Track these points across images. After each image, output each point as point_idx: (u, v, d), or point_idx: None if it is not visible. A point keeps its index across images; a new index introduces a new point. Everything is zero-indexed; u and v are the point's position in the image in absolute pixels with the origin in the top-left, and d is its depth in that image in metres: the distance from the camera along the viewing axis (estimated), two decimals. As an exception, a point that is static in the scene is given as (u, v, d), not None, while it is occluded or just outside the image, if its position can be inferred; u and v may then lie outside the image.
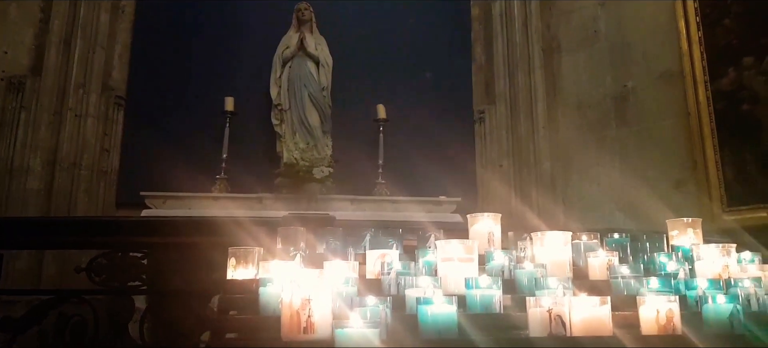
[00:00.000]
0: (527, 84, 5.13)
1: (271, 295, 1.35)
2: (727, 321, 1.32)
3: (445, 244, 1.53)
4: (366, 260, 1.64)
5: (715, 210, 4.15)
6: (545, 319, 1.24)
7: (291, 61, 5.18)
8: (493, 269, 1.57)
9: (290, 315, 1.15)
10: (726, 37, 4.31)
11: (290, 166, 4.92)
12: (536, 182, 4.99)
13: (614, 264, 1.62)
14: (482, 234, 1.73)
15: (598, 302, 1.22)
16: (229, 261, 1.58)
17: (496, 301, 1.37)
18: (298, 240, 1.71)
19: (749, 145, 4.10)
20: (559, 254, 1.62)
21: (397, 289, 1.47)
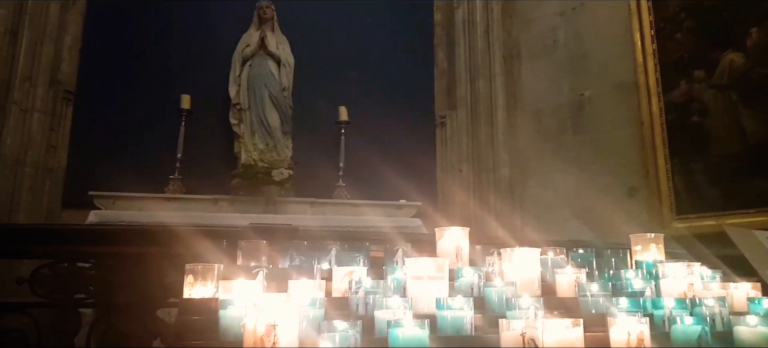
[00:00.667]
0: (488, 90, 5.16)
1: (233, 318, 1.26)
2: (696, 342, 1.33)
3: (415, 262, 1.49)
4: (333, 277, 1.58)
5: (666, 217, 4.24)
6: (518, 342, 1.21)
7: (251, 60, 5.07)
8: (463, 287, 1.54)
9: (253, 341, 1.09)
10: (678, 50, 4.42)
11: (248, 167, 4.79)
12: (495, 187, 5.03)
13: (582, 281, 1.62)
14: (450, 248, 1.69)
15: (570, 324, 1.20)
16: (186, 278, 1.49)
17: (467, 323, 1.33)
18: (260, 254, 1.63)
19: (698, 156, 4.20)
20: (529, 271, 1.60)
21: (366, 308, 1.42)
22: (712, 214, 4.03)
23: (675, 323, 1.38)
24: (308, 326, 1.21)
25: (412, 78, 5.51)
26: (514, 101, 5.23)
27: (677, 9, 4.45)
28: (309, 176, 5.04)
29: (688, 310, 1.47)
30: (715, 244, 3.14)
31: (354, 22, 5.51)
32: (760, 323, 1.44)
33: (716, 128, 4.15)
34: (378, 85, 5.39)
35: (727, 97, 4.15)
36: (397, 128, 5.16)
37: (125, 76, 5.03)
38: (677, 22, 4.44)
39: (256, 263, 1.60)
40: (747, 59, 4.07)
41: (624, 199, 4.49)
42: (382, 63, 5.45)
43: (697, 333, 1.33)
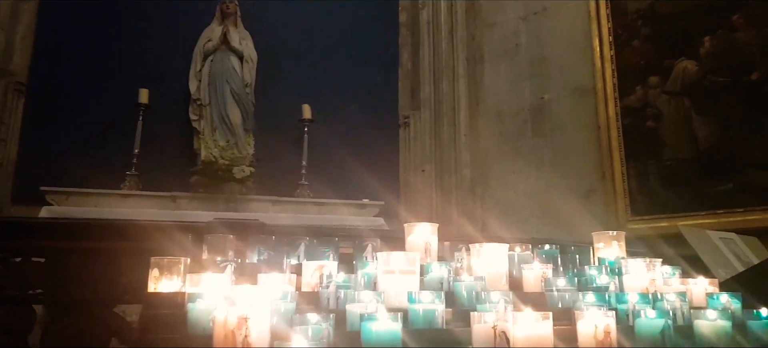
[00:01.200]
0: (451, 91, 5.21)
1: (202, 311, 1.23)
2: (659, 335, 1.37)
3: (387, 257, 1.48)
4: (302, 272, 1.56)
5: (621, 218, 4.34)
6: (490, 335, 1.22)
7: (213, 55, 4.97)
8: (432, 281, 1.54)
9: (224, 335, 1.06)
10: (635, 57, 4.54)
11: (208, 164, 4.70)
12: (457, 187, 5.07)
13: (548, 276, 1.64)
14: (419, 244, 1.69)
15: (540, 317, 1.22)
16: (151, 272, 1.44)
17: (438, 316, 1.34)
18: (227, 248, 1.60)
19: (652, 159, 4.32)
20: (497, 267, 1.61)
21: (337, 302, 1.41)
22: (665, 216, 4.17)
23: (639, 317, 1.42)
24: (280, 319, 1.19)
25: (377, 78, 5.52)
26: (476, 103, 5.29)
27: (634, 17, 4.57)
28: (271, 174, 4.99)
29: (650, 304, 1.52)
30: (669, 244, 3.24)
31: (319, 20, 5.47)
32: (718, 317, 1.50)
33: (669, 133, 4.30)
34: (342, 84, 5.37)
35: (680, 103, 4.29)
36: (361, 128, 5.16)
37: (80, 68, 4.85)
38: (634, 29, 4.56)
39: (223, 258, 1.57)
40: (699, 67, 4.22)
41: (582, 200, 4.59)
42: (347, 62, 5.43)
43: (660, 326, 1.37)
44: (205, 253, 1.61)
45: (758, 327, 1.56)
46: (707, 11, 4.24)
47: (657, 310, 1.42)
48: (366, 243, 1.66)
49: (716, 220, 3.86)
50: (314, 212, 4.88)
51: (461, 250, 1.76)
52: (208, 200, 4.71)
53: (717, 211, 3.97)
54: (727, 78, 4.09)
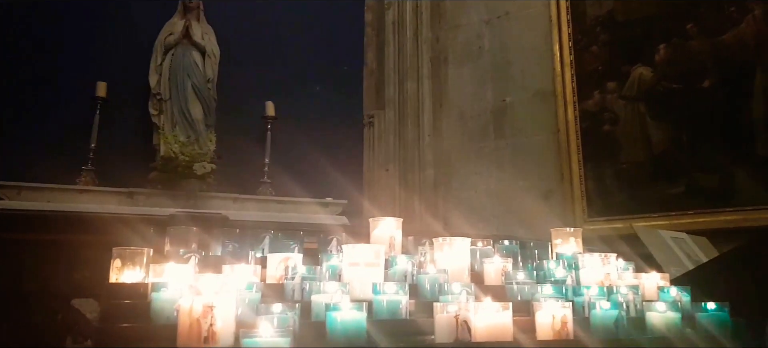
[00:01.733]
0: (416, 92, 5.24)
1: (166, 301, 1.22)
2: (613, 326, 1.42)
3: (352, 249, 1.50)
4: (267, 264, 1.56)
5: (579, 219, 4.42)
6: (452, 325, 1.25)
7: (174, 49, 4.88)
8: (397, 274, 1.56)
9: (189, 323, 1.05)
10: (593, 62, 4.64)
11: (168, 160, 4.62)
12: (420, 187, 5.11)
13: (509, 270, 1.69)
14: (384, 238, 1.71)
15: (500, 308, 1.25)
16: (113, 263, 1.42)
17: (402, 307, 1.36)
18: (190, 240, 1.58)
19: (608, 162, 4.42)
20: (459, 260, 1.65)
21: (302, 294, 1.41)
22: (621, 217, 4.26)
23: (594, 308, 1.48)
24: (245, 309, 1.19)
25: (341, 76, 5.52)
26: (440, 104, 5.34)
27: (593, 23, 4.69)
28: (232, 171, 4.94)
29: (605, 297, 1.57)
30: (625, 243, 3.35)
31: (283, 18, 5.44)
32: (668, 309, 1.57)
33: (625, 137, 4.41)
34: (307, 81, 5.35)
35: (635, 108, 4.42)
36: (325, 126, 5.15)
37: (35, 58, 4.71)
38: (593, 35, 4.68)
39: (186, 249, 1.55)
40: (654, 73, 4.35)
41: (541, 201, 4.68)
42: (312, 60, 5.41)
43: (614, 317, 1.43)
44: (167, 245, 1.59)
45: (705, 319, 1.64)
46: (662, 20, 4.37)
47: (611, 302, 1.48)
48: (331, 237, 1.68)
49: (669, 221, 3.99)
50: (276, 210, 4.85)
51: (425, 245, 1.78)
52: (167, 196, 4.62)
53: (669, 212, 4.10)
54: (680, 85, 4.23)
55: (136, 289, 1.35)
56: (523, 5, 5.08)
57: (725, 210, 3.92)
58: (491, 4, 5.26)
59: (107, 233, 1.82)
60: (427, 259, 1.72)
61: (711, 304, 1.66)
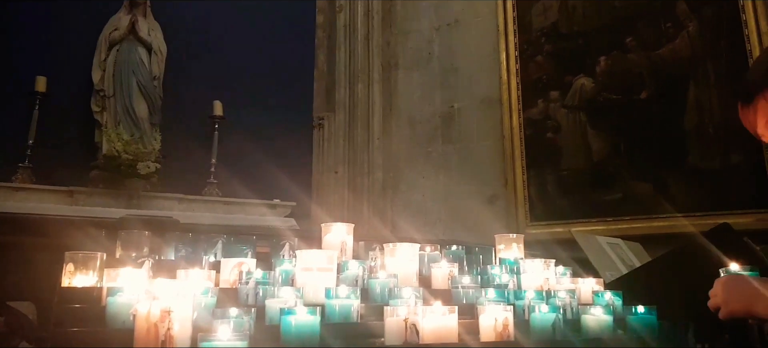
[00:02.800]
0: (366, 95, 5.29)
1: (122, 305, 1.22)
2: (551, 328, 1.51)
3: (306, 254, 1.53)
4: (221, 269, 1.57)
5: (521, 223, 4.53)
6: (401, 328, 1.31)
7: (119, 45, 4.76)
8: (348, 279, 1.60)
9: (147, 328, 1.07)
10: (538, 72, 4.76)
11: (111, 158, 4.50)
12: (369, 190, 5.16)
13: (455, 274, 1.76)
14: (335, 243, 1.75)
15: (447, 311, 1.32)
16: (65, 267, 1.41)
17: (354, 311, 1.41)
18: (142, 245, 1.58)
19: (550, 169, 4.55)
20: (409, 265, 1.71)
21: (256, 298, 1.44)
22: (561, 222, 4.38)
23: (534, 311, 1.56)
24: (201, 313, 1.21)
25: (292, 78, 5.50)
26: (390, 108, 5.40)
27: (538, 34, 4.82)
28: (178, 171, 4.85)
29: (544, 300, 1.67)
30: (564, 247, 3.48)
31: (233, 16, 5.39)
32: (602, 312, 1.68)
33: (567, 145, 4.54)
34: (256, 82, 5.31)
35: (577, 117, 4.56)
36: (274, 127, 5.13)
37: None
38: (538, 45, 4.81)
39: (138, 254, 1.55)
40: (595, 84, 4.51)
41: (486, 205, 4.79)
42: (262, 60, 5.38)
43: (551, 320, 1.52)
44: (119, 250, 1.58)
45: (635, 321, 1.76)
46: (604, 33, 4.52)
47: (550, 306, 1.57)
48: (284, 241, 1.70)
49: (606, 226, 4.14)
50: (223, 211, 4.81)
51: (375, 250, 1.83)
52: (109, 196, 4.52)
53: (606, 218, 4.25)
54: (619, 96, 4.38)
55: (89, 294, 1.34)
56: (472, 14, 5.19)
57: (659, 216, 4.07)
58: (441, 11, 5.36)
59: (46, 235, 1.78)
60: (377, 264, 1.77)
61: (640, 308, 1.78)
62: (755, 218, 3.76)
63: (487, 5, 5.08)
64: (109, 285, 1.31)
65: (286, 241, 1.71)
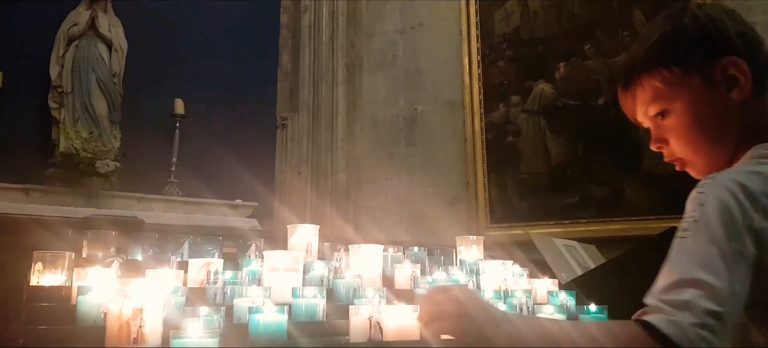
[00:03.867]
0: (330, 96, 5.30)
1: (92, 304, 1.23)
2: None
3: (273, 255, 1.56)
4: (189, 269, 1.59)
5: (481, 225, 4.61)
6: (365, 326, 1.35)
7: (78, 41, 4.69)
8: (314, 279, 1.64)
9: (119, 326, 1.08)
10: (499, 76, 4.85)
11: (69, 156, 4.42)
12: (332, 191, 5.18)
13: (417, 275, 1.82)
14: (301, 244, 1.79)
15: (410, 310, 1.37)
16: (34, 265, 1.40)
17: (320, 310, 1.45)
18: (109, 244, 1.58)
19: (511, 172, 4.65)
20: (373, 266, 1.75)
21: (223, 298, 1.46)
22: (520, 224, 4.45)
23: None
24: (171, 312, 1.23)
25: (255, 77, 5.49)
26: (354, 109, 5.43)
27: (500, 40, 4.92)
28: (138, 170, 4.81)
29: (502, 299, 1.74)
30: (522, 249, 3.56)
31: (196, 14, 5.35)
32: (555, 311, 1.76)
33: (527, 148, 4.63)
34: (219, 81, 5.29)
35: (536, 121, 4.66)
36: (237, 127, 5.11)
37: None
38: (500, 51, 4.90)
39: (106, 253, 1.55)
40: (555, 90, 4.62)
41: (447, 207, 4.86)
42: (225, 59, 5.36)
43: (510, 318, 1.58)
44: (85, 249, 1.58)
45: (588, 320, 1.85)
46: (563, 40, 4.64)
47: (507, 305, 1.64)
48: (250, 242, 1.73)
49: (563, 229, 4.24)
50: (183, 211, 4.77)
51: (340, 250, 1.88)
52: (67, 194, 4.44)
53: (564, 221, 4.35)
54: (577, 101, 4.49)
55: (58, 293, 1.35)
56: (436, 17, 5.26)
57: (614, 220, 4.21)
58: (406, 14, 5.41)
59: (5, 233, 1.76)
60: (342, 265, 1.82)
61: (592, 307, 1.87)
62: (704, 222, 3.94)
63: (451, 9, 5.16)
64: (79, 284, 1.32)
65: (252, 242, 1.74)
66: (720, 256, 0.92)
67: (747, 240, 0.93)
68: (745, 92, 1.10)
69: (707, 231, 0.96)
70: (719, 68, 1.11)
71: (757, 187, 0.96)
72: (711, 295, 0.90)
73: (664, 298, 0.94)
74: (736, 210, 0.95)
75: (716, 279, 0.91)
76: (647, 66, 1.17)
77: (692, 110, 1.14)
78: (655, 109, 1.19)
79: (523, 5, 4.90)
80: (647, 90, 1.18)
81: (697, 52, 1.12)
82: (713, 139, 1.14)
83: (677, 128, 1.16)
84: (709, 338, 0.88)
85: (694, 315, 0.89)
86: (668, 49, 1.14)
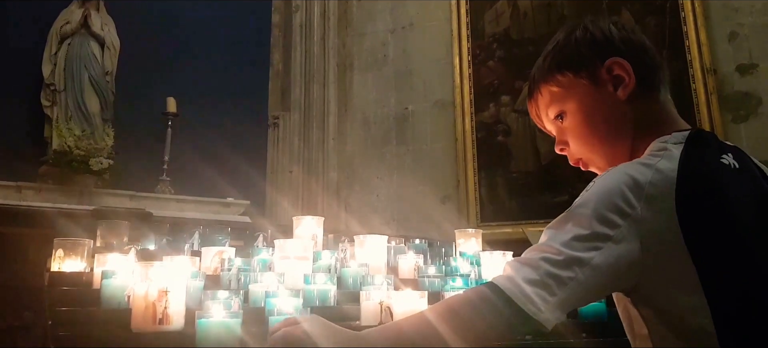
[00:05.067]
0: (321, 96, 5.34)
1: (117, 287, 1.27)
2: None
3: (284, 243, 1.61)
4: (202, 257, 1.63)
5: (472, 224, 4.63)
6: (377, 310, 1.40)
7: (71, 39, 4.68)
8: (322, 268, 1.69)
9: (145, 306, 1.12)
10: (490, 76, 4.92)
11: (62, 154, 4.42)
12: (323, 190, 5.21)
13: (421, 265, 1.87)
14: (306, 236, 1.83)
15: (418, 295, 1.42)
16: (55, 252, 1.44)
17: (331, 295, 1.50)
18: (122, 234, 1.61)
19: (501, 171, 4.71)
20: (378, 255, 1.81)
21: (238, 284, 1.50)
22: (510, 223, 4.54)
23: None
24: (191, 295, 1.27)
25: (247, 76, 5.50)
26: (345, 109, 5.47)
27: (491, 40, 4.99)
28: (130, 168, 4.80)
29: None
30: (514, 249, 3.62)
31: (188, 12, 5.36)
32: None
33: (517, 148, 4.70)
34: (210, 80, 5.29)
35: (526, 121, 4.70)
36: (229, 125, 5.13)
37: None
38: (490, 51, 4.97)
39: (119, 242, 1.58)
40: (544, 90, 4.72)
41: (438, 206, 4.91)
42: (217, 58, 5.37)
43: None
44: (99, 240, 1.61)
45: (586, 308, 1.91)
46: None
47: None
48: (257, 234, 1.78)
49: (552, 227, 4.38)
50: (176, 209, 4.76)
51: (344, 242, 1.92)
52: (59, 192, 4.42)
53: (553, 219, 4.46)
54: None
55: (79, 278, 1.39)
56: (427, 17, 5.32)
57: (603, 218, 4.32)
58: (397, 14, 5.47)
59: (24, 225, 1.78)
60: (347, 256, 1.86)
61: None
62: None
63: (442, 9, 5.23)
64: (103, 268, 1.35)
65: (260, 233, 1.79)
66: (583, 233, 0.98)
67: (624, 226, 0.97)
68: (630, 89, 1.16)
69: (582, 211, 1.03)
70: (604, 69, 1.18)
71: (644, 177, 1.00)
72: (559, 261, 0.95)
73: (518, 259, 1.01)
74: (618, 197, 0.99)
75: (570, 250, 0.96)
76: (544, 74, 1.25)
77: (583, 109, 1.20)
78: (554, 112, 1.26)
79: (513, 6, 4.98)
80: (546, 96, 1.26)
81: (584, 55, 1.20)
82: (605, 136, 1.20)
83: (573, 128, 1.23)
84: (544, 297, 0.93)
85: (535, 273, 0.95)
86: (561, 56, 1.23)
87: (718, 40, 4.33)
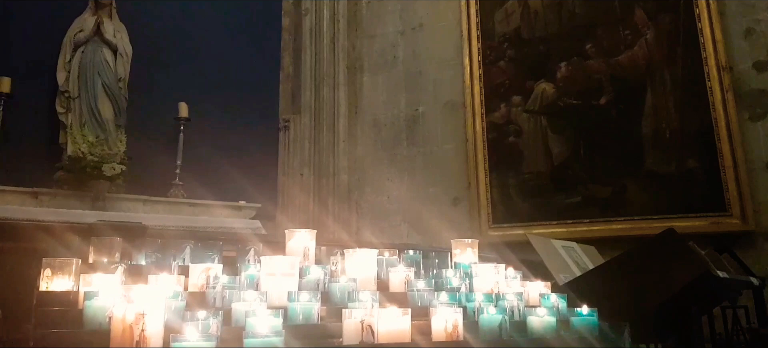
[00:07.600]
0: (332, 98, 5.36)
1: (98, 308, 1.31)
2: (497, 328, 1.64)
3: (270, 260, 1.63)
4: (190, 274, 1.65)
5: (483, 226, 4.65)
6: (358, 329, 1.41)
7: (84, 46, 4.76)
8: (310, 282, 1.70)
9: (122, 329, 1.15)
10: (500, 77, 4.87)
11: (76, 160, 4.50)
12: (334, 192, 5.22)
13: (411, 278, 1.87)
14: (298, 249, 1.85)
15: (400, 313, 1.43)
16: (43, 272, 1.47)
17: (315, 313, 1.52)
18: (114, 250, 1.65)
19: (512, 172, 4.67)
20: (367, 270, 1.82)
21: (222, 301, 1.53)
22: (521, 225, 4.49)
23: (482, 313, 1.69)
24: (172, 316, 1.29)
25: (258, 80, 5.54)
26: (355, 111, 5.48)
27: (501, 40, 4.94)
28: (143, 173, 4.86)
29: (493, 302, 1.79)
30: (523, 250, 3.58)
31: (199, 19, 5.41)
32: (547, 314, 1.81)
33: (528, 148, 4.66)
34: (222, 84, 5.34)
35: (538, 121, 4.67)
36: (240, 129, 5.16)
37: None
38: (501, 51, 4.92)
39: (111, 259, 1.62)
40: (556, 89, 4.63)
41: (449, 208, 4.89)
42: (228, 63, 5.41)
43: (498, 321, 1.64)
44: (92, 255, 1.64)
45: (578, 322, 1.90)
46: (564, 39, 4.66)
47: (498, 308, 1.70)
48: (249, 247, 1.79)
49: (566, 229, 4.27)
50: (188, 213, 4.82)
51: (337, 255, 1.94)
52: (74, 197, 4.51)
53: (566, 221, 4.36)
54: (579, 101, 4.52)
55: (66, 297, 1.42)
56: (437, 18, 5.30)
57: (617, 219, 4.22)
58: (406, 15, 5.45)
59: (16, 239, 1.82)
60: (338, 268, 1.88)
61: (584, 309, 1.92)
62: (709, 221, 3.95)
63: (451, 10, 5.20)
64: (86, 289, 1.38)
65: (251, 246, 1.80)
66: None
67: None
68: None
69: None
70: None
71: None
72: None
73: None
74: None
75: None
76: None
77: None
78: None
79: (524, 5, 4.94)
80: None
81: None
82: None
83: None
84: None
85: None
86: None
87: (733, 36, 4.24)
